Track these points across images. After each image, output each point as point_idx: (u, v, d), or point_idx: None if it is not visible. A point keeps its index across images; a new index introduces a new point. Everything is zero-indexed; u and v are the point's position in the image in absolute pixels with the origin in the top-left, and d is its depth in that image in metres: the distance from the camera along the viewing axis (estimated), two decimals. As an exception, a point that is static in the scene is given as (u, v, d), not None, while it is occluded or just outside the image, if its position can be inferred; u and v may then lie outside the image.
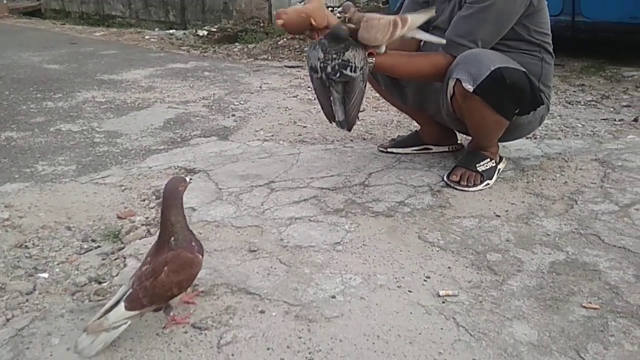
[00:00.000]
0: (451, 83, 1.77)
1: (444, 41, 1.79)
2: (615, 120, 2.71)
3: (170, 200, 1.20)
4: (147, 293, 1.14)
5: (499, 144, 2.04)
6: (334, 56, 1.66)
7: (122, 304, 1.13)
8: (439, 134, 2.26)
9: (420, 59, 1.88)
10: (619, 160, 2.12)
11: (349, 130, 1.76)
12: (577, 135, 2.49)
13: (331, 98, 1.70)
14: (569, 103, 3.07)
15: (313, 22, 1.71)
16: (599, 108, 2.96)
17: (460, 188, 1.90)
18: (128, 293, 1.15)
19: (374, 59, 1.75)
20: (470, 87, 1.70)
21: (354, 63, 1.66)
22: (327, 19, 1.74)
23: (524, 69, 1.78)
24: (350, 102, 1.69)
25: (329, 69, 1.66)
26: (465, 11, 1.81)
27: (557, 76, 3.66)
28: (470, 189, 1.89)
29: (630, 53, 4.09)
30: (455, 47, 1.79)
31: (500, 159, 2.03)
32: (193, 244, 1.22)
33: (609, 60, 3.99)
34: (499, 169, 2.00)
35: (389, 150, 2.28)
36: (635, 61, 3.90)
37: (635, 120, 2.68)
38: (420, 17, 1.79)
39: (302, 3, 1.75)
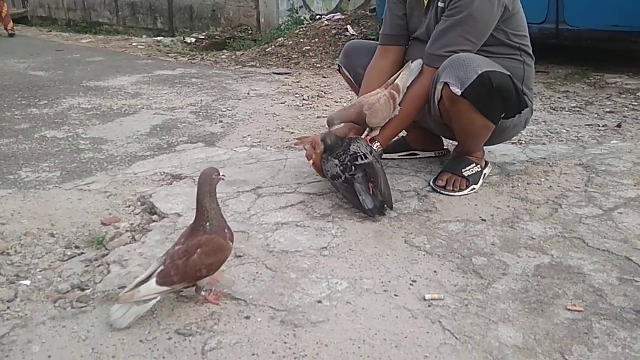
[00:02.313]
0: (439, 87, 1.78)
1: (419, 62, 1.88)
2: (599, 125, 2.74)
3: (205, 187, 1.26)
4: (179, 271, 1.20)
5: (484, 148, 2.05)
6: (343, 156, 1.78)
7: (153, 279, 1.19)
8: (426, 139, 2.27)
9: (409, 99, 1.88)
10: (602, 164, 2.15)
11: (382, 213, 1.75)
12: (562, 140, 2.52)
13: (360, 195, 1.75)
14: (554, 109, 3.11)
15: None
16: (583, 114, 3.00)
17: (446, 193, 1.91)
18: (159, 269, 1.21)
19: (376, 143, 1.87)
20: (458, 91, 1.72)
21: (361, 151, 1.77)
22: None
23: (508, 73, 1.80)
24: (379, 184, 1.76)
25: (346, 168, 1.76)
26: (442, 24, 1.82)
27: (541, 83, 3.71)
28: (456, 193, 1.90)
29: (613, 60, 4.16)
30: (437, 59, 1.82)
31: (486, 163, 2.05)
32: (226, 231, 1.28)
33: (593, 67, 4.06)
34: (485, 174, 2.01)
35: (376, 155, 2.29)
36: (618, 68, 3.97)
37: (619, 125, 2.71)
38: (407, 78, 1.87)
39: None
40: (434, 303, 1.31)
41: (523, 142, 2.49)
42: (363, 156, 1.77)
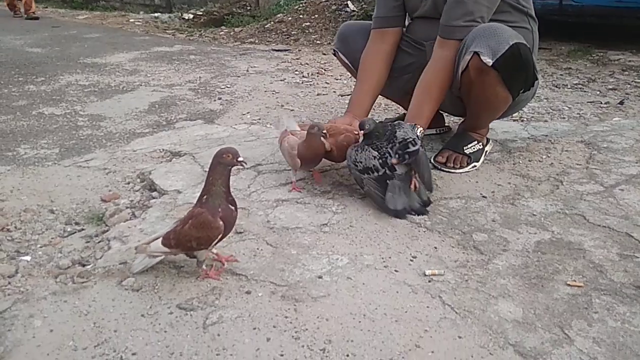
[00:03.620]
0: (467, 57, 1.72)
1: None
2: (601, 103, 2.72)
3: (214, 162, 1.27)
4: (175, 237, 1.25)
5: (489, 125, 2.04)
6: (389, 145, 1.61)
7: (160, 238, 1.27)
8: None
9: (434, 74, 1.80)
10: (604, 142, 2.13)
11: (425, 211, 1.61)
12: (564, 117, 2.50)
13: (389, 192, 1.59)
14: (556, 86, 3.08)
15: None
16: (585, 91, 2.97)
17: (447, 170, 1.90)
18: (167, 230, 1.28)
19: (418, 128, 1.72)
20: (489, 61, 1.66)
21: (409, 136, 1.60)
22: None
23: (529, 45, 1.76)
24: (423, 176, 1.63)
25: (393, 159, 1.59)
26: None
27: (544, 59, 3.67)
28: (457, 170, 1.89)
29: (617, 36, 4.12)
30: (457, 30, 1.76)
31: (487, 141, 2.03)
32: (219, 209, 1.25)
33: (596, 43, 4.01)
34: (486, 151, 2.00)
35: (376, 132, 2.26)
36: (622, 44, 3.93)
37: (621, 102, 2.69)
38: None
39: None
40: (434, 278, 1.31)
41: (525, 119, 2.47)
42: (413, 142, 1.59)
